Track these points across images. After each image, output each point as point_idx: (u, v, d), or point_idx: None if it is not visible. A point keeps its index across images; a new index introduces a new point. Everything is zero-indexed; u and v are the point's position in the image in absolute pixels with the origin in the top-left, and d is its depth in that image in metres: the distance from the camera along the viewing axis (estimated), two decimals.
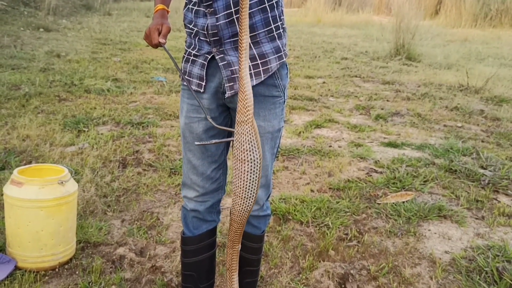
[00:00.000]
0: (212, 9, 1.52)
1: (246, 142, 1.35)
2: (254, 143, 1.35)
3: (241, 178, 1.39)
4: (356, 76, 7.10)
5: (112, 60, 7.05)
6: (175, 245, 2.43)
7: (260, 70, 1.57)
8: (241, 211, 1.45)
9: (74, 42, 8.36)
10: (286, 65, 1.66)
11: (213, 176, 1.73)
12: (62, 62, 6.59)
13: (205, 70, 1.60)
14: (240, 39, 1.29)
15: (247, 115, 1.33)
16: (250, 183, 1.40)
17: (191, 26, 1.62)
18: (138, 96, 5.24)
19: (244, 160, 1.36)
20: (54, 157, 3.33)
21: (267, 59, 1.57)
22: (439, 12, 15.07)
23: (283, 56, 1.61)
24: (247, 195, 1.43)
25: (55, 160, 3.28)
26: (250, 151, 1.36)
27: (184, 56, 1.70)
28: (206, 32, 1.56)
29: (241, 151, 1.35)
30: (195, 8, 1.59)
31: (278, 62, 1.59)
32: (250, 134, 1.35)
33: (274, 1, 1.55)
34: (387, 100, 5.70)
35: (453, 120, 5.01)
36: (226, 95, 1.58)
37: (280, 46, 1.60)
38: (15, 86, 5.11)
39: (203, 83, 1.62)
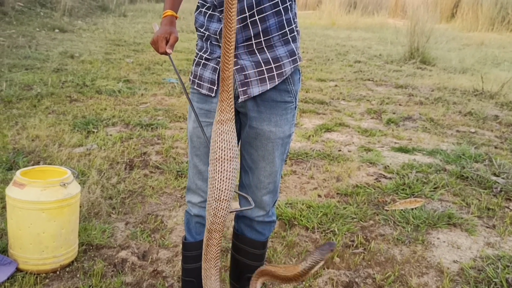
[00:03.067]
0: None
1: (233, 139, 1.33)
2: (236, 140, 1.35)
3: (228, 179, 1.33)
4: (368, 80, 7.03)
5: (125, 61, 7.08)
6: (177, 249, 2.40)
7: (274, 74, 1.54)
8: (221, 216, 1.36)
9: (88, 43, 8.42)
10: (299, 70, 1.64)
11: None
12: (75, 62, 6.64)
13: (217, 74, 1.58)
14: (228, 36, 1.26)
15: (231, 113, 1.32)
16: (234, 181, 1.35)
17: (202, 30, 1.60)
18: (149, 97, 5.24)
19: (232, 157, 1.33)
20: (62, 158, 3.34)
21: (281, 63, 1.54)
22: (456, 15, 14.89)
23: (297, 59, 1.58)
24: (230, 196, 1.36)
25: (62, 161, 3.29)
26: (235, 147, 1.34)
27: (195, 59, 1.68)
28: (218, 37, 1.54)
29: (229, 149, 1.32)
30: (209, 12, 1.57)
31: (292, 66, 1.57)
32: (234, 131, 1.34)
33: (288, 4, 1.53)
34: (400, 104, 5.63)
35: (466, 125, 4.92)
36: (240, 100, 1.56)
37: (294, 49, 1.58)
38: (28, 86, 5.15)
39: (215, 87, 1.59)
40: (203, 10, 1.59)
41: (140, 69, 6.67)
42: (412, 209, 2.94)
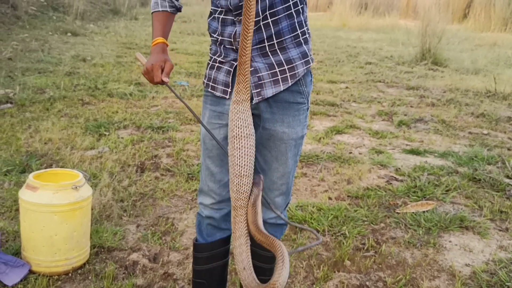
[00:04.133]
0: (241, 17, 1.53)
1: (248, 117, 1.39)
2: (251, 118, 1.41)
3: (247, 155, 1.39)
4: (380, 81, 7.00)
5: (136, 64, 7.13)
6: (188, 251, 2.41)
7: (287, 76, 1.57)
8: (244, 191, 1.40)
9: (100, 46, 8.49)
10: (310, 72, 1.66)
11: None
12: (87, 66, 6.70)
13: (230, 77, 1.61)
14: (247, 23, 1.32)
15: (247, 94, 1.38)
16: (253, 158, 1.41)
17: (215, 35, 1.63)
18: (160, 100, 5.27)
19: (249, 134, 1.39)
20: (74, 160, 3.37)
21: (294, 64, 1.58)
22: (468, 15, 14.76)
23: (310, 61, 1.62)
24: (251, 172, 1.40)
25: (75, 163, 3.32)
26: (251, 125, 1.40)
27: (208, 63, 1.70)
28: (233, 40, 1.57)
29: (245, 127, 1.38)
30: (222, 16, 1.59)
31: (304, 67, 1.60)
32: (249, 111, 1.40)
33: (299, 7, 1.57)
34: (411, 106, 5.59)
35: (478, 127, 4.88)
36: (254, 101, 1.58)
37: (307, 51, 1.61)
38: (41, 89, 5.21)
39: (229, 89, 1.62)
40: (216, 15, 1.61)
41: None
42: (424, 212, 2.92)
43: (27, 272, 2.10)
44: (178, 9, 1.79)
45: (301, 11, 1.57)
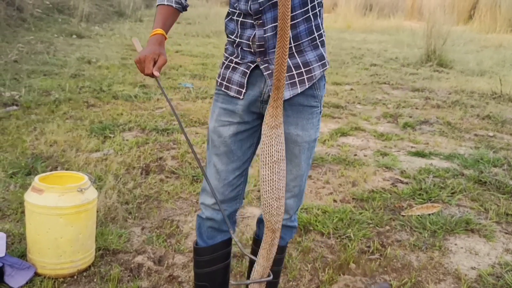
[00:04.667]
0: (261, 21, 1.55)
1: (281, 143, 1.43)
2: (283, 146, 1.45)
3: (283, 177, 1.44)
4: (385, 83, 6.98)
5: None
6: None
7: (304, 78, 1.59)
8: (281, 213, 1.47)
9: (105, 48, 8.52)
10: (324, 76, 1.68)
11: (234, 183, 1.72)
12: (93, 68, 6.72)
13: (246, 78, 1.62)
14: (283, 47, 1.32)
15: (281, 118, 1.42)
16: (284, 180, 1.46)
17: (233, 37, 1.64)
18: (165, 102, 5.28)
19: (281, 159, 1.42)
20: (79, 163, 3.38)
21: (311, 67, 1.60)
22: (473, 17, 14.71)
23: (326, 63, 1.64)
24: (283, 195, 1.46)
25: (80, 166, 3.33)
26: (283, 150, 1.44)
27: (224, 63, 1.71)
28: (251, 43, 1.58)
29: (278, 151, 1.42)
30: (241, 19, 1.60)
31: (321, 70, 1.62)
32: (283, 135, 1.44)
33: (317, 10, 1.59)
34: (416, 108, 5.58)
35: (484, 129, 4.86)
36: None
37: (323, 53, 1.63)
38: (46, 92, 5.23)
39: (243, 90, 1.63)
40: (234, 17, 1.62)
41: None
42: (429, 214, 2.91)
43: (32, 275, 2.11)
44: (184, 8, 1.78)
45: (318, 14, 1.59)
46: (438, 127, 4.84)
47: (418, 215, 2.90)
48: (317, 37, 1.60)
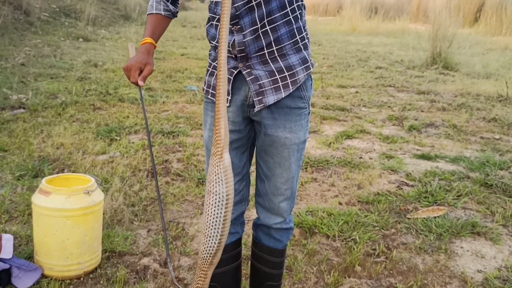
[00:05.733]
0: (239, 26, 1.53)
1: (213, 173, 1.30)
2: (221, 176, 1.29)
3: (206, 213, 1.30)
4: (390, 86, 6.98)
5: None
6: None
7: (288, 82, 1.57)
8: (203, 251, 1.32)
9: (111, 51, 8.57)
10: (311, 76, 1.67)
11: (237, 188, 1.72)
12: (99, 71, 6.76)
13: (230, 84, 1.60)
14: (218, 73, 1.26)
15: (217, 148, 1.30)
16: (214, 218, 1.30)
17: (214, 42, 1.63)
18: (170, 105, 5.30)
19: (210, 192, 1.30)
20: (86, 165, 3.40)
21: (295, 70, 1.58)
22: (479, 19, 14.67)
23: (310, 66, 1.62)
24: (210, 233, 1.31)
25: (86, 168, 3.35)
26: (216, 182, 1.30)
27: (208, 70, 1.70)
28: (231, 48, 1.56)
29: (208, 182, 1.31)
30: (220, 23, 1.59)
31: (305, 73, 1.60)
32: (217, 166, 1.30)
33: (297, 13, 1.56)
34: (422, 111, 5.57)
35: (490, 132, 4.84)
36: (256, 109, 1.58)
37: (306, 56, 1.61)
38: (53, 95, 5.26)
39: (229, 97, 1.62)
40: (214, 23, 1.60)
41: (162, 77, 6.75)
42: (435, 217, 2.90)
43: (39, 276, 2.12)
44: (174, 14, 1.80)
45: (299, 16, 1.57)
46: (444, 130, 4.83)
47: (424, 218, 2.90)
48: (299, 40, 1.58)
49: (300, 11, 1.57)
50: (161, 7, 1.76)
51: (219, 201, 1.30)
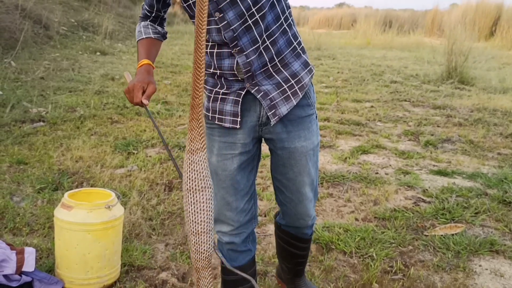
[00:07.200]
0: (239, 47, 1.52)
1: (204, 169, 1.26)
2: (208, 170, 1.28)
3: (203, 210, 1.26)
4: (405, 100, 6.97)
5: (163, 83, 7.27)
6: (216, 271, 2.43)
7: (296, 89, 1.61)
8: (204, 250, 1.28)
9: (128, 65, 8.69)
10: (311, 82, 1.72)
11: (246, 208, 1.74)
12: (116, 84, 6.86)
13: (239, 106, 1.60)
14: (199, 62, 1.20)
15: (202, 142, 1.25)
16: (211, 212, 1.28)
17: (211, 70, 1.61)
18: (186, 118, 5.35)
19: (204, 187, 1.27)
20: (104, 179, 3.45)
21: (300, 76, 1.62)
22: (495, 33, 14.61)
23: (312, 68, 1.67)
24: (210, 228, 1.29)
25: (105, 182, 3.39)
26: (208, 177, 1.27)
27: (209, 96, 1.67)
28: (236, 72, 1.56)
29: (200, 179, 1.25)
30: (216, 50, 1.57)
31: (309, 76, 1.65)
32: (206, 161, 1.27)
33: (290, 20, 1.61)
34: (438, 126, 5.55)
35: (508, 148, 4.80)
36: (272, 123, 1.60)
37: (306, 59, 1.66)
38: (71, 108, 5.35)
39: (238, 119, 1.61)
40: (208, 50, 1.59)
41: (178, 91, 6.83)
42: (453, 234, 2.89)
43: None
44: (163, 36, 1.81)
45: (292, 23, 1.61)
46: (460, 145, 4.80)
47: (441, 235, 2.88)
48: (296, 46, 1.62)
49: (291, 17, 1.62)
50: (150, 31, 1.76)
51: (210, 195, 1.28)
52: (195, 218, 1.26)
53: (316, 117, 1.74)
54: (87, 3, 13.69)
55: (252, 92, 1.58)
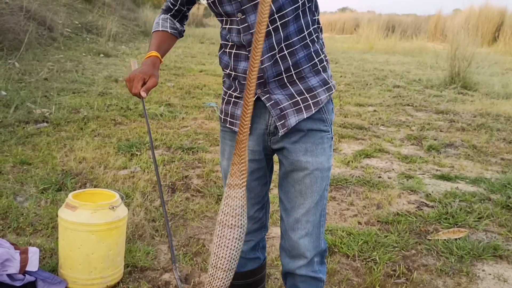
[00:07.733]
0: None
1: (238, 207, 1.24)
2: (245, 208, 1.26)
3: (227, 247, 1.25)
4: (408, 105, 6.97)
5: (166, 85, 7.28)
6: None
7: (310, 103, 1.51)
8: (216, 286, 1.28)
9: (131, 67, 8.70)
10: (332, 100, 1.61)
11: (256, 216, 1.70)
12: (119, 86, 6.87)
13: None
14: (247, 103, 1.18)
15: (242, 179, 1.24)
16: (236, 252, 1.27)
17: (228, 70, 1.58)
18: (190, 121, 5.36)
19: (235, 226, 1.25)
20: (108, 180, 3.45)
21: (316, 92, 1.52)
22: (498, 39, 14.62)
23: (332, 87, 1.56)
24: (231, 267, 1.28)
25: (108, 183, 3.40)
26: (241, 216, 1.25)
27: (224, 98, 1.64)
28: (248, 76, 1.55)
29: (232, 216, 1.24)
30: (234, 51, 1.54)
31: (327, 94, 1.54)
32: (243, 199, 1.24)
33: (314, 36, 1.52)
34: (441, 131, 5.55)
35: (511, 153, 4.80)
36: (280, 133, 1.51)
37: (326, 78, 1.56)
38: (75, 109, 5.37)
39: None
40: (227, 50, 1.56)
41: (181, 93, 6.84)
42: (456, 239, 2.88)
43: None
44: (180, 33, 1.75)
45: (315, 39, 1.53)
46: (463, 150, 4.80)
47: (445, 240, 2.87)
48: (318, 63, 1.53)
49: (317, 34, 1.54)
50: (167, 25, 1.72)
51: (240, 235, 1.26)
52: (217, 252, 1.25)
53: (332, 138, 1.57)
54: (91, 5, 13.74)
55: (262, 99, 1.52)
